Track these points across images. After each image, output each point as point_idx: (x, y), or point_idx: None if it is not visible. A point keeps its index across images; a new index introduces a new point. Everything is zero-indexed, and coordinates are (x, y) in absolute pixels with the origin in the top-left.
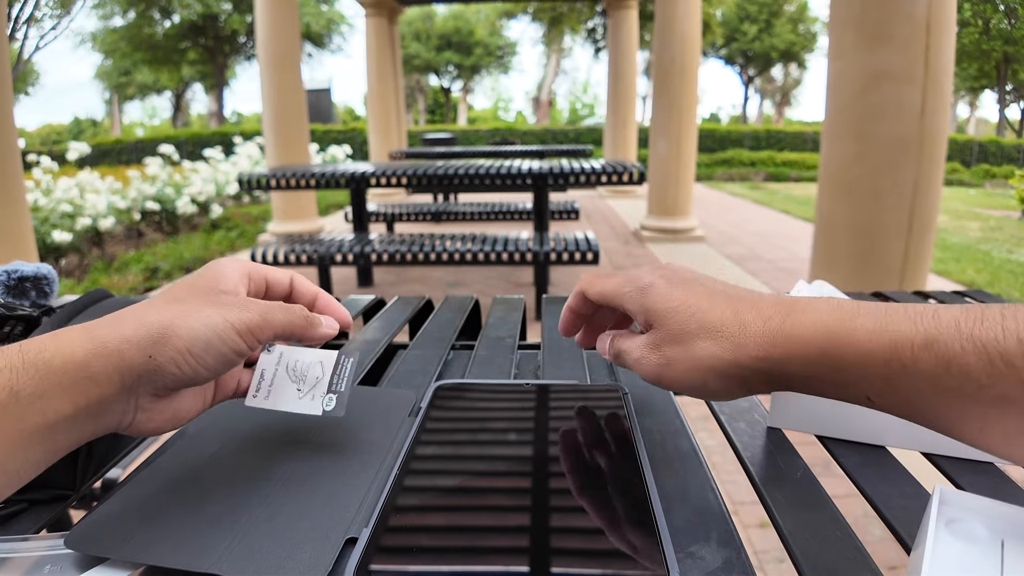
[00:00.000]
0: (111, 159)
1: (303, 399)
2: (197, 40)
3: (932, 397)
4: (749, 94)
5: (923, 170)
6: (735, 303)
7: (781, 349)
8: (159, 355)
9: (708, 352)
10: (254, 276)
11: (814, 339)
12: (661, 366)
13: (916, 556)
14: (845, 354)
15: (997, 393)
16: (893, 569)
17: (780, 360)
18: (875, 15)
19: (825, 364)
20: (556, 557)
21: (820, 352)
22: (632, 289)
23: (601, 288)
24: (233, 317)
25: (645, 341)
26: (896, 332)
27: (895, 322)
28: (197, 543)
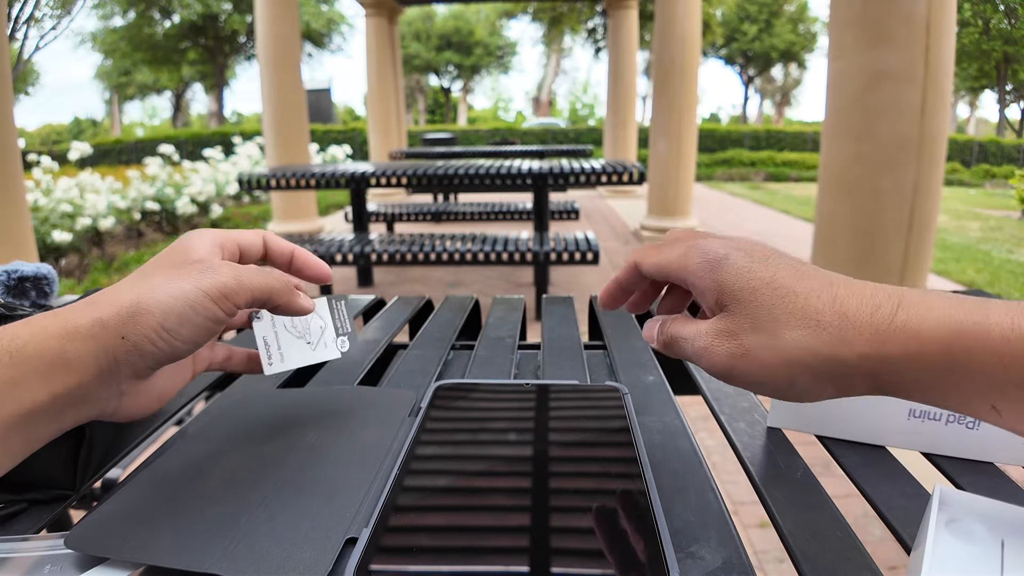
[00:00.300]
0: (111, 159)
1: (316, 349)
2: (197, 40)
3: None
4: (749, 94)
5: (923, 170)
6: (833, 287)
7: (895, 346)
8: (132, 334)
9: (801, 344)
10: (226, 244)
11: (937, 336)
12: (736, 356)
13: (916, 556)
14: (977, 357)
15: None
16: (893, 569)
17: (892, 360)
18: (875, 15)
19: (949, 367)
20: (556, 557)
21: (944, 353)
22: (702, 261)
23: (659, 259)
24: (205, 284)
25: (714, 327)
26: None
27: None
28: (197, 543)
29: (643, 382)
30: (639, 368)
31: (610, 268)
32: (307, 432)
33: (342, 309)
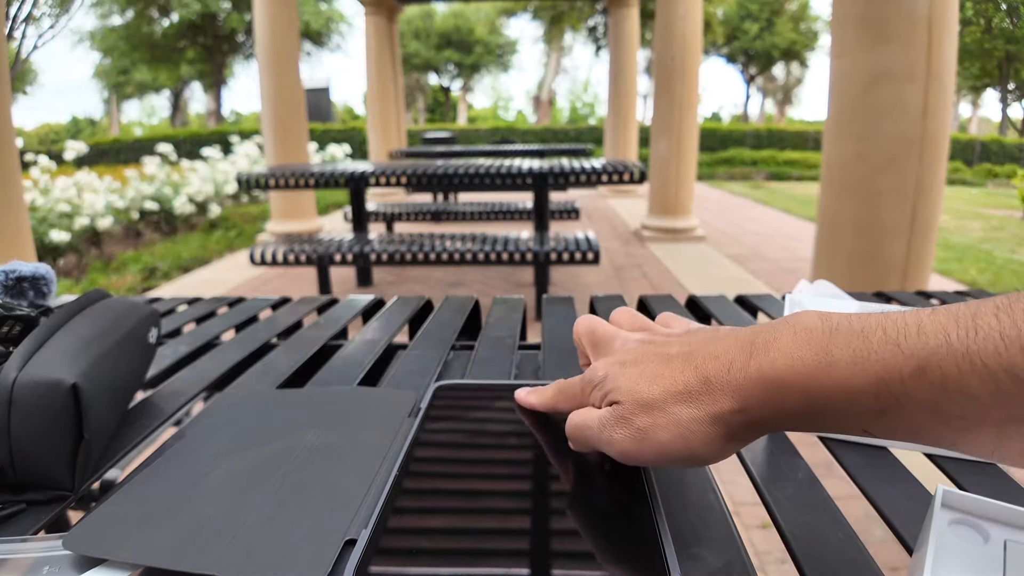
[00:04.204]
0: (109, 158)
1: None
2: (196, 39)
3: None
4: (750, 93)
5: (925, 169)
6: (691, 359)
7: (756, 396)
8: None
9: (685, 415)
10: None
11: (789, 379)
12: (636, 440)
13: (918, 557)
14: (827, 394)
15: (1006, 414)
16: (895, 570)
17: (758, 408)
18: (877, 14)
19: (808, 406)
20: (556, 558)
21: (800, 393)
22: (591, 389)
23: (567, 400)
24: None
25: (611, 414)
26: (880, 361)
27: (876, 349)
28: (196, 543)
29: None
30: None
31: (610, 268)
32: (307, 432)
33: None
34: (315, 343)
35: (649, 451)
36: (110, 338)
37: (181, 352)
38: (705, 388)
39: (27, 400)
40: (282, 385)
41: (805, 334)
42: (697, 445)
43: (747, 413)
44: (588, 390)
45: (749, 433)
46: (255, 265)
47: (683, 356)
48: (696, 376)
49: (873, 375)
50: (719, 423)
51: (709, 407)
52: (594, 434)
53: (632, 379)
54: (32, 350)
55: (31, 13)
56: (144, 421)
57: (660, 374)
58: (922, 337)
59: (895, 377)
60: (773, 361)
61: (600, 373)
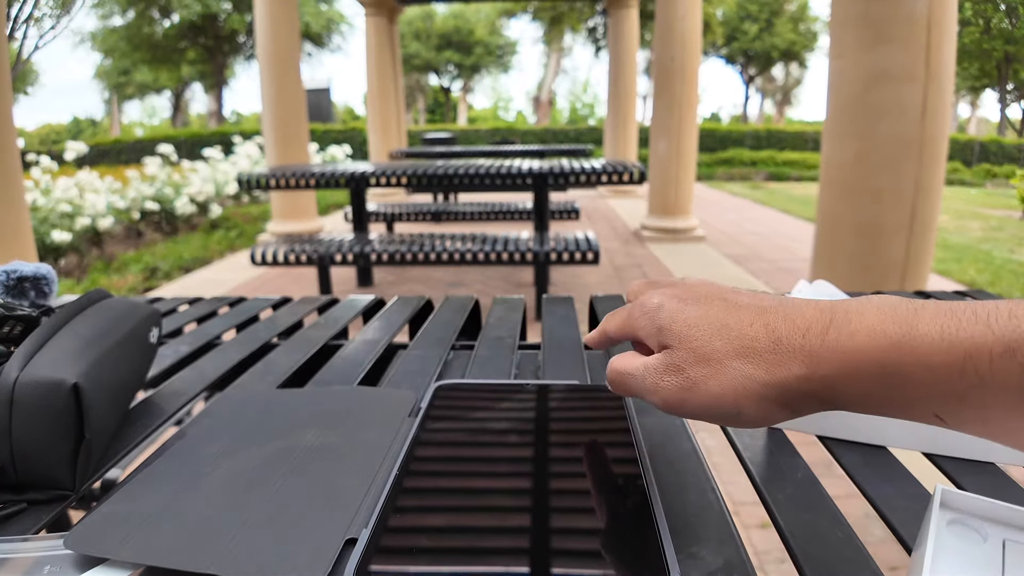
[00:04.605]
0: (110, 159)
1: None
2: (196, 40)
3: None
4: (750, 93)
5: (924, 169)
6: (764, 315)
7: (829, 366)
8: None
9: (743, 372)
10: None
11: (868, 351)
12: (684, 389)
13: (917, 556)
14: (908, 369)
15: None
16: (894, 570)
17: (829, 379)
18: (876, 14)
19: (884, 381)
20: (556, 557)
21: (877, 367)
22: (641, 315)
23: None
24: None
25: (660, 361)
26: (968, 339)
27: (966, 327)
28: (197, 543)
29: None
30: None
31: (610, 268)
32: (307, 432)
33: None
34: (316, 343)
35: (695, 401)
36: (111, 338)
37: (182, 352)
38: (774, 347)
39: (28, 400)
40: (283, 385)
41: (890, 309)
42: (747, 404)
43: (812, 382)
44: (636, 315)
45: (806, 404)
46: (256, 265)
47: (754, 308)
48: (766, 333)
49: (960, 352)
50: (779, 387)
51: (773, 369)
52: (637, 382)
53: (692, 323)
54: (33, 350)
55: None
56: (145, 421)
57: (725, 323)
58: (1013, 320)
59: (984, 355)
60: (854, 332)
61: (655, 300)
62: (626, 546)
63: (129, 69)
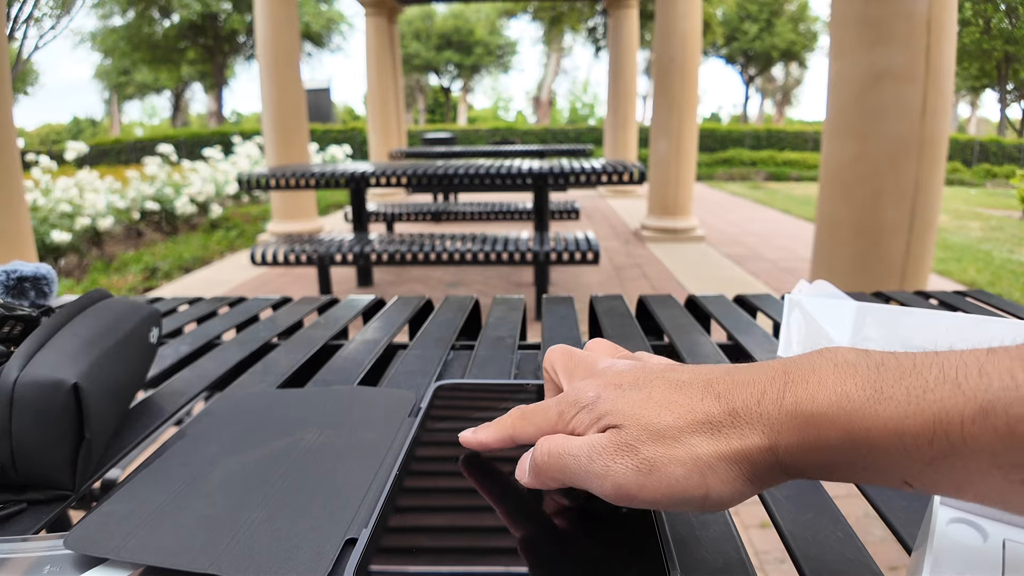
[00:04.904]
0: (110, 159)
1: None
2: (196, 40)
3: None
4: (750, 93)
5: (924, 169)
6: (712, 387)
7: (790, 434)
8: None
9: (704, 449)
10: None
11: (831, 416)
12: (641, 473)
13: (917, 556)
14: (874, 436)
15: None
16: (894, 570)
17: (791, 449)
18: (876, 14)
19: (849, 448)
20: (556, 558)
21: (842, 433)
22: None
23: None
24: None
25: (608, 440)
26: (938, 402)
27: (933, 388)
28: (197, 543)
29: None
30: None
31: (610, 268)
32: (307, 432)
33: None
34: (315, 343)
35: (654, 487)
36: (111, 338)
37: (182, 352)
38: (731, 420)
39: (28, 400)
40: (282, 385)
41: (849, 368)
42: (715, 484)
43: (777, 452)
44: (570, 413)
45: (774, 476)
46: (256, 265)
47: (700, 383)
48: (720, 405)
49: (930, 416)
50: (744, 461)
51: (734, 442)
52: (581, 464)
53: (637, 403)
54: (33, 350)
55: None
56: (145, 421)
57: (673, 400)
58: (984, 378)
59: (955, 420)
60: (813, 394)
61: (590, 394)
62: (626, 546)
63: (129, 69)
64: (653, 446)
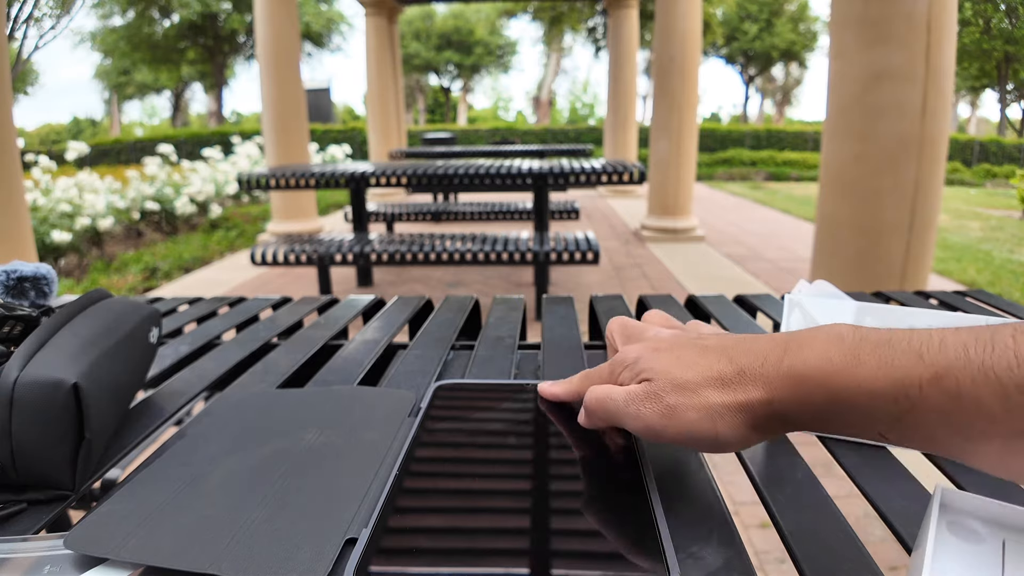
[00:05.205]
0: (110, 159)
1: None
2: (196, 40)
3: (946, 433)
4: (750, 93)
5: (924, 169)
6: (728, 352)
7: (784, 389)
8: None
9: (715, 400)
10: None
11: (816, 378)
12: (664, 416)
13: (917, 556)
14: (849, 394)
15: (1014, 428)
16: (894, 569)
17: (785, 401)
18: (876, 14)
19: (830, 404)
20: (556, 558)
21: (825, 392)
22: (621, 368)
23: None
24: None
25: (640, 389)
26: (902, 368)
27: (900, 357)
28: (197, 543)
29: None
30: None
31: (610, 268)
32: (307, 432)
33: None
34: (315, 343)
35: (674, 429)
36: (111, 338)
37: (182, 352)
38: (739, 378)
39: (28, 400)
40: (283, 385)
41: (837, 339)
42: (723, 428)
43: (773, 404)
44: (618, 370)
45: (772, 425)
46: (256, 265)
47: (720, 348)
48: (731, 366)
49: (894, 379)
50: (746, 411)
51: (739, 395)
52: (618, 407)
53: (667, 362)
54: (33, 350)
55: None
56: (145, 421)
57: (696, 361)
58: (943, 350)
59: (914, 383)
60: (805, 359)
61: (632, 355)
62: (626, 546)
63: (129, 69)
64: (675, 396)
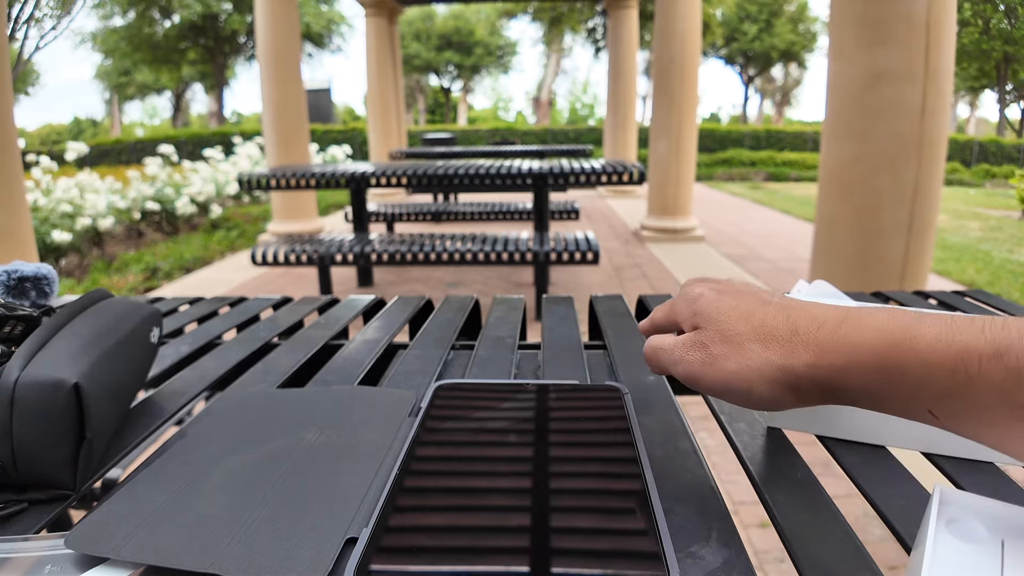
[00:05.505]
0: (111, 159)
1: None
2: (197, 40)
3: (1001, 413)
4: (749, 94)
5: (923, 170)
6: (787, 311)
7: (835, 356)
8: None
9: (759, 355)
10: None
11: (871, 346)
12: (704, 364)
13: (916, 556)
14: (906, 364)
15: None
16: (893, 569)
17: (834, 368)
18: (875, 15)
19: (883, 375)
20: (556, 557)
21: (878, 361)
22: (682, 302)
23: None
24: None
25: (689, 339)
26: (962, 341)
27: (961, 331)
28: (197, 543)
29: (643, 382)
30: (639, 368)
31: (610, 268)
32: (307, 432)
33: None
34: (316, 343)
35: (711, 377)
36: (112, 338)
37: (183, 352)
38: (790, 336)
39: (29, 400)
40: (283, 385)
41: (898, 313)
42: (759, 384)
43: (819, 369)
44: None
45: (813, 391)
46: (256, 265)
47: (780, 305)
48: (787, 324)
49: (954, 352)
50: (788, 372)
51: (786, 355)
52: (667, 354)
53: (723, 310)
54: (34, 350)
55: (33, 14)
56: (146, 420)
57: (752, 313)
58: (1006, 328)
59: (973, 357)
60: (862, 330)
61: (696, 291)
62: (626, 545)
63: (130, 69)
64: (720, 346)
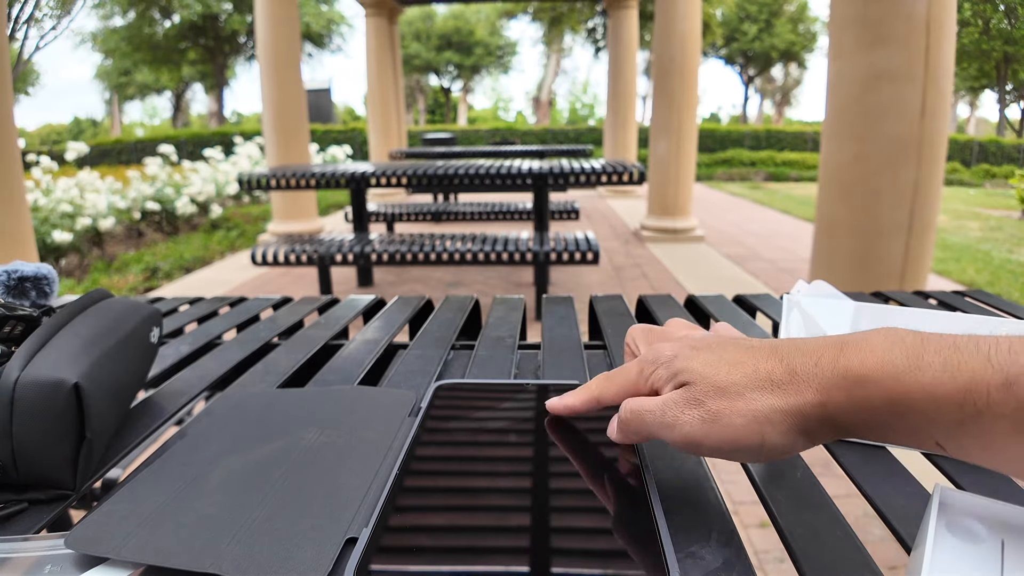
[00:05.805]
0: (111, 159)
1: None
2: (197, 40)
3: (1012, 442)
4: (749, 94)
5: (923, 170)
6: (776, 351)
7: (839, 391)
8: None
9: (763, 403)
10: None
11: (876, 378)
12: (706, 422)
13: (916, 556)
14: (913, 397)
15: None
16: (893, 569)
17: (842, 405)
18: (875, 15)
19: (890, 408)
20: (556, 557)
21: (884, 394)
22: (655, 366)
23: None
24: None
25: (679, 396)
26: (969, 371)
27: (967, 360)
28: (197, 543)
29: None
30: None
31: (610, 268)
32: (307, 432)
33: None
34: (316, 343)
35: (717, 436)
36: (112, 338)
37: (183, 352)
38: (790, 378)
39: (29, 400)
40: (283, 385)
41: (898, 339)
42: (770, 435)
43: (827, 407)
44: (649, 370)
45: (823, 430)
46: (256, 265)
47: (767, 346)
48: (782, 366)
49: (961, 383)
50: (797, 415)
51: (791, 398)
52: (656, 417)
53: (708, 360)
54: (34, 350)
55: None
56: (146, 420)
57: (741, 360)
58: (1012, 355)
59: (982, 388)
60: (863, 360)
61: (668, 352)
62: (626, 545)
63: (130, 69)
64: (719, 400)
